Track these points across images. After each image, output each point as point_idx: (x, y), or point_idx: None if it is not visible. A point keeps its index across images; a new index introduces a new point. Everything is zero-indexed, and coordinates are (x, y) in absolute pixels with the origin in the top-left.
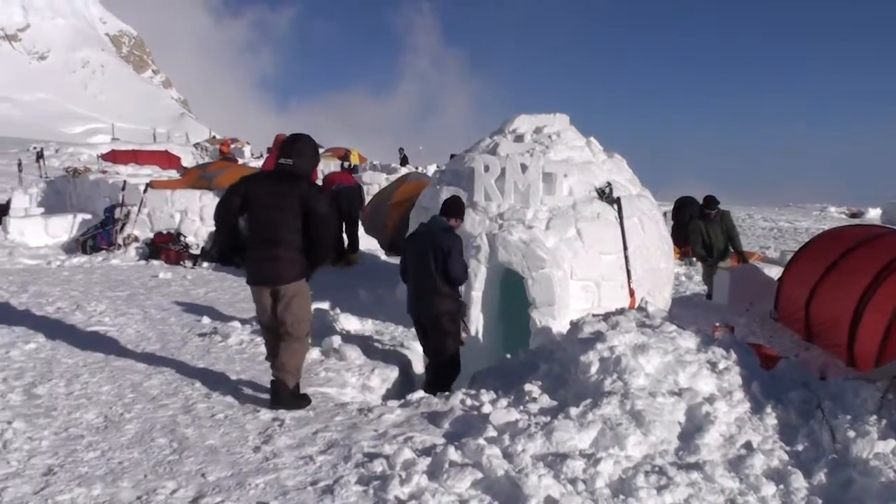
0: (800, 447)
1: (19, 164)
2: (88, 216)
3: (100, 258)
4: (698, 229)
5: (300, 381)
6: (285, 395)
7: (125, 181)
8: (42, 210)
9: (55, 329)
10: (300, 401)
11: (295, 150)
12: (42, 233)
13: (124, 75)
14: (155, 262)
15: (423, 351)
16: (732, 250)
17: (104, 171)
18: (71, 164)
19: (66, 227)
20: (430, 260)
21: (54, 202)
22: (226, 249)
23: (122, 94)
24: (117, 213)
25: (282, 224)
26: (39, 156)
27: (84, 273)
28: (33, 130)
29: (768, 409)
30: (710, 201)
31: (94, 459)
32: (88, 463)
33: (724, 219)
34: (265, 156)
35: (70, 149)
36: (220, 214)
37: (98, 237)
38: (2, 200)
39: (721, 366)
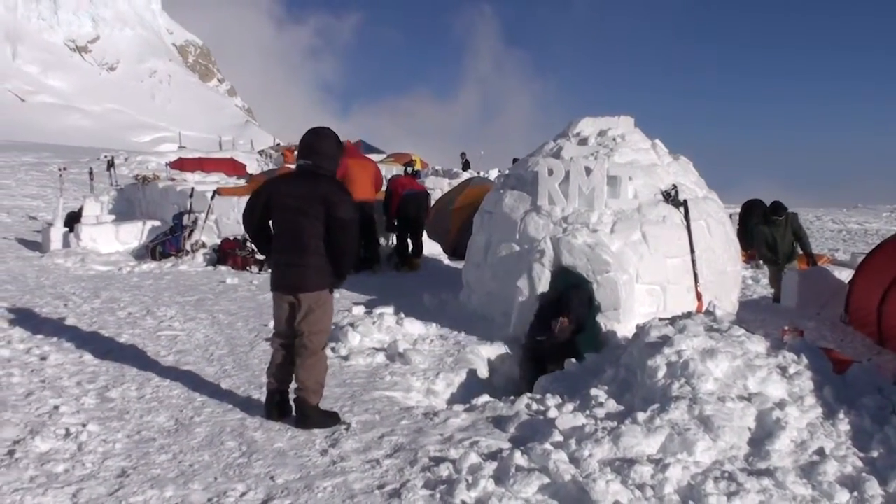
0: (874, 454)
1: (91, 173)
2: (157, 223)
3: (169, 264)
4: (762, 233)
5: (322, 398)
6: (311, 413)
7: (193, 188)
8: (113, 217)
9: (126, 334)
10: (328, 418)
11: (314, 149)
12: (113, 239)
13: (190, 85)
14: (222, 268)
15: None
16: (801, 252)
17: (172, 179)
18: (140, 172)
19: (136, 233)
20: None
21: (124, 209)
22: (263, 251)
23: (188, 103)
24: (185, 220)
25: (306, 229)
26: (110, 164)
27: (154, 279)
28: (103, 140)
29: (841, 415)
30: (777, 208)
31: (166, 462)
32: (160, 465)
33: (790, 221)
34: None
35: (139, 157)
36: (246, 220)
37: (167, 243)
38: (74, 208)
39: (791, 370)
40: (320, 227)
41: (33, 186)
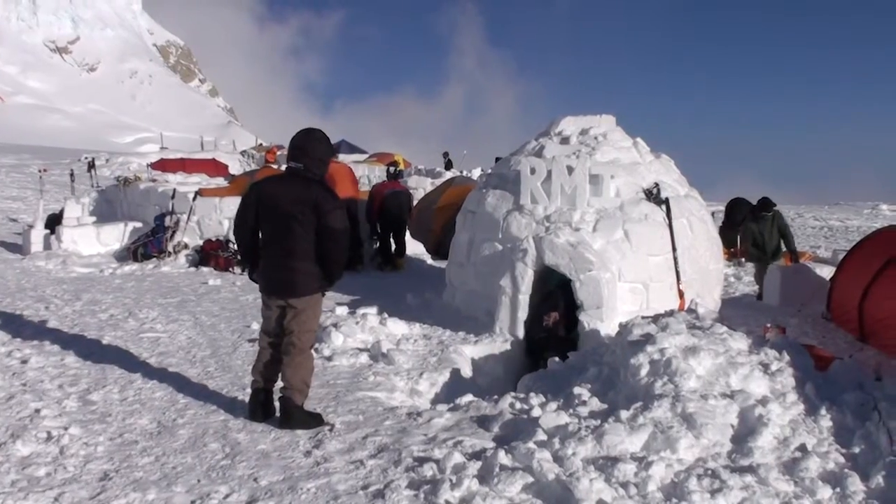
0: (856, 450)
1: (72, 175)
2: (139, 224)
3: (150, 266)
4: (750, 230)
5: (309, 398)
6: (295, 413)
7: (175, 189)
8: (94, 219)
9: (108, 336)
10: (311, 419)
11: (306, 152)
12: (94, 241)
13: (172, 85)
14: (205, 269)
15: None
16: (785, 249)
17: (154, 180)
18: (121, 173)
19: (117, 235)
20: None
21: (106, 211)
22: (247, 265)
23: (169, 104)
24: (167, 221)
25: (296, 233)
26: (91, 166)
27: (135, 281)
28: (84, 141)
29: (823, 411)
30: (766, 204)
31: (149, 465)
32: (143, 468)
33: (776, 218)
34: None
35: (120, 158)
36: (239, 228)
37: (149, 245)
38: (55, 210)
39: (773, 367)
40: (311, 233)
41: (13, 188)
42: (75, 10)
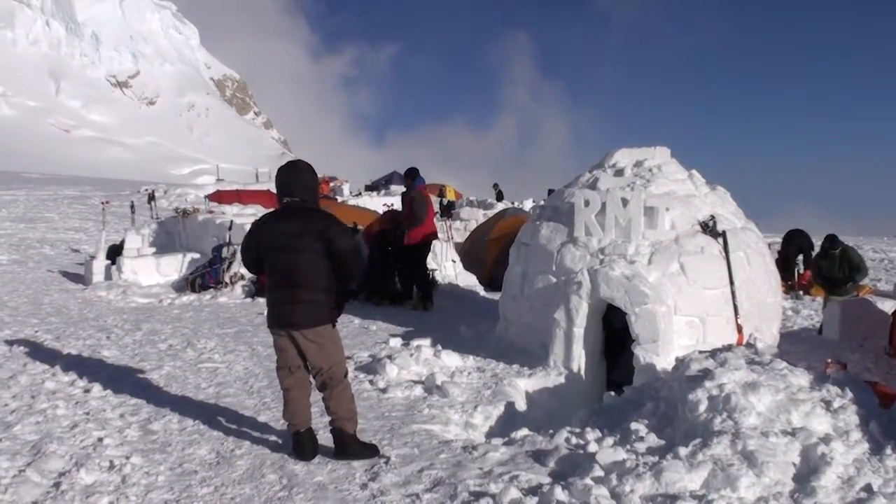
0: None
1: (132, 206)
2: (197, 255)
3: (208, 296)
4: (818, 266)
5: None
6: (350, 443)
7: (232, 221)
8: (154, 250)
9: (168, 366)
10: (367, 449)
11: (297, 184)
12: (154, 272)
13: (228, 118)
14: (261, 300)
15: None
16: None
17: (211, 212)
18: (179, 204)
19: (176, 266)
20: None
21: (165, 242)
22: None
23: (225, 136)
24: (224, 252)
25: (301, 265)
26: (151, 197)
27: (194, 311)
28: (143, 172)
29: (888, 450)
30: (833, 241)
31: (208, 495)
32: (202, 498)
33: (845, 254)
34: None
35: (178, 190)
36: (247, 264)
37: (206, 276)
38: (116, 241)
39: (836, 404)
40: (319, 262)
41: (75, 219)
42: (136, 46)
